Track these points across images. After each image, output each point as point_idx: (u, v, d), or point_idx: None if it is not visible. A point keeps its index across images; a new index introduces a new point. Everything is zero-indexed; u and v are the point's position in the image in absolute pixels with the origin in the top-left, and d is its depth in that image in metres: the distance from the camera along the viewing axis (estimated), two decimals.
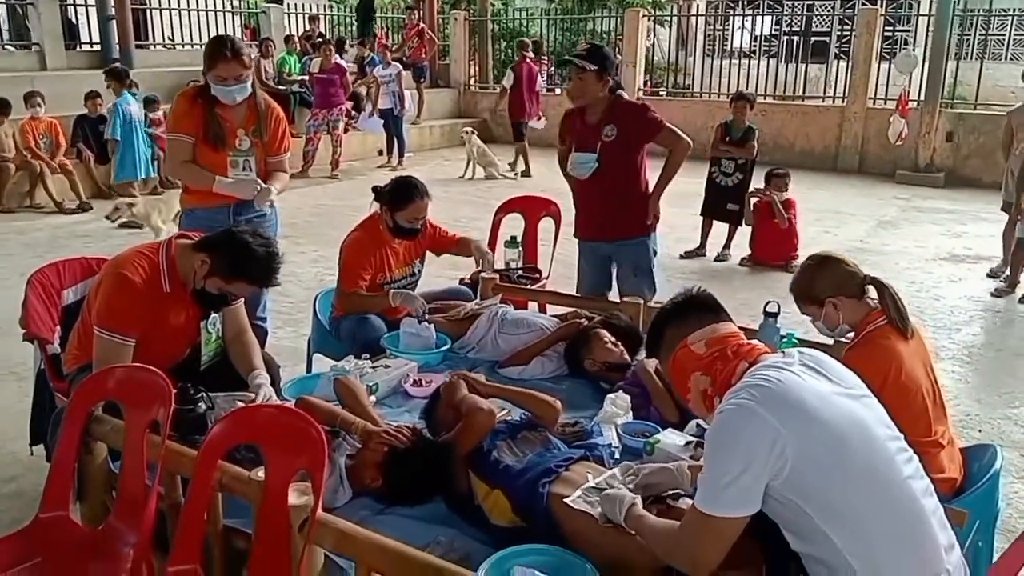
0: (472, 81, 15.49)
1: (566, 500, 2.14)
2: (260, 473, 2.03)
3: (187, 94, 3.68)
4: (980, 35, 13.87)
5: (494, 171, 11.00)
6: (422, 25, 14.02)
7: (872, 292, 2.52)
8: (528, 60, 11.49)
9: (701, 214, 7.35)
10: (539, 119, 11.40)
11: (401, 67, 11.77)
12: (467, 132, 11.09)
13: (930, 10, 11.46)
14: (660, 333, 2.02)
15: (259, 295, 3.70)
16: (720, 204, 7.17)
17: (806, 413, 1.65)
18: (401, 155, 11.64)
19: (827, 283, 2.54)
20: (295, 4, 16.76)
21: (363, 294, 3.69)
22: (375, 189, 3.84)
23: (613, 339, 3.25)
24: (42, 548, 2.17)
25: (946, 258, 7.29)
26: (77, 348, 2.83)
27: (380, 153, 12.14)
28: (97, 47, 11.85)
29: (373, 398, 2.90)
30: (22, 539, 2.20)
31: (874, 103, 11.85)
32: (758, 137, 7.14)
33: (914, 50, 12.55)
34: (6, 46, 12.56)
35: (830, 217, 8.78)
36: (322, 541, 1.90)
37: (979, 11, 13.39)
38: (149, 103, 9.70)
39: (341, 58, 11.94)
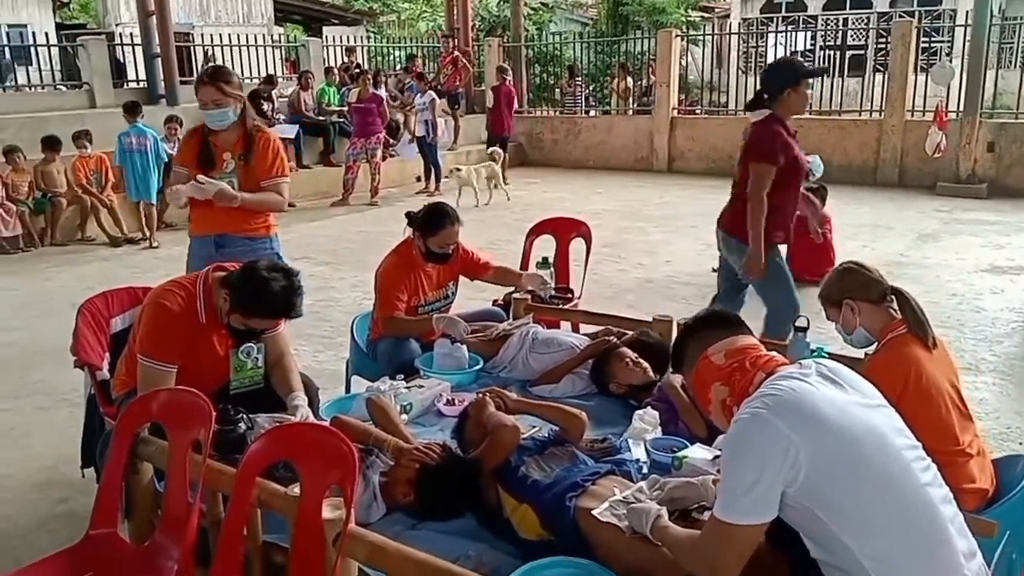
0: None
1: (594, 512, 2.18)
2: (296, 489, 2.11)
3: (193, 128, 3.93)
4: (1022, 43, 13.68)
5: (497, 180, 11.08)
6: (456, 53, 14.25)
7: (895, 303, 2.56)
8: (507, 83, 12.67)
9: None
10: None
11: (435, 95, 12.00)
12: (454, 171, 10.95)
13: (966, 20, 11.32)
14: (683, 347, 2.08)
15: None
16: None
17: (819, 421, 1.68)
18: (438, 181, 11.82)
19: (846, 286, 2.68)
20: (333, 37, 17.17)
21: (405, 318, 3.77)
22: (408, 215, 3.94)
23: (634, 357, 3.28)
24: (92, 564, 2.28)
25: (988, 270, 7.19)
26: (125, 374, 2.95)
27: (418, 179, 12.34)
28: (144, 84, 12.25)
29: (405, 417, 2.98)
30: (73, 555, 2.31)
31: (912, 115, 11.74)
32: None
33: (951, 61, 12.42)
34: (58, 86, 13.04)
35: (869, 231, 8.71)
36: (355, 554, 1.97)
37: (1020, 19, 13.23)
38: None
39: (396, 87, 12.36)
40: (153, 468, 2.51)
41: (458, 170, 10.72)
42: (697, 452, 2.62)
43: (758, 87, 4.09)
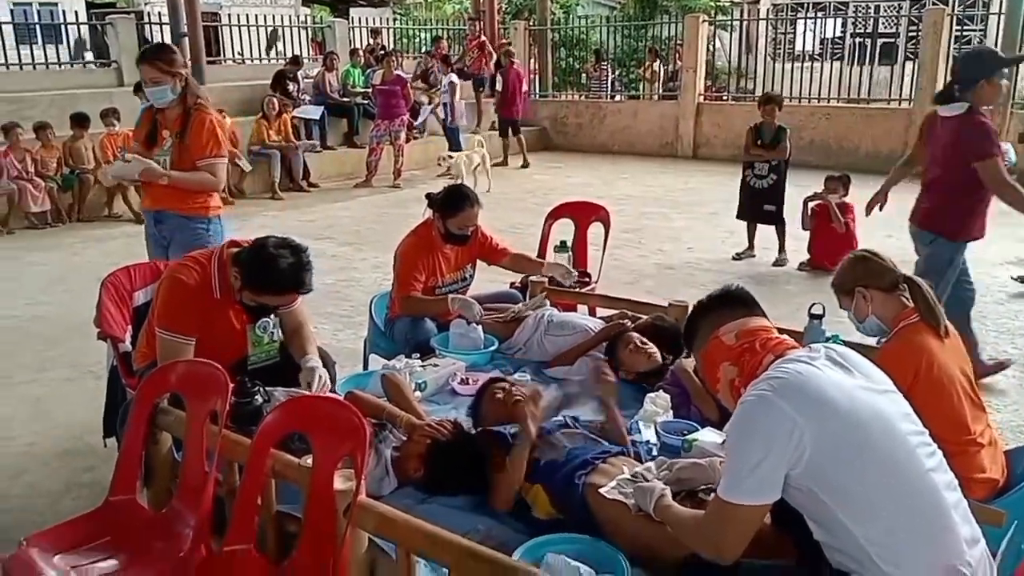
0: (532, 89, 15.58)
1: (601, 490, 2.21)
2: (309, 460, 2.16)
3: (148, 105, 3.94)
4: None
5: (484, 166, 10.88)
6: (483, 37, 14.22)
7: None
8: (514, 65, 12.72)
9: (738, 217, 7.43)
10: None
11: (454, 78, 12.01)
12: (445, 159, 10.68)
13: (1000, 8, 11.13)
14: (695, 324, 2.09)
15: None
16: (756, 206, 7.22)
17: (824, 404, 1.69)
18: None
19: (858, 274, 2.68)
20: (360, 18, 17.18)
21: (422, 297, 3.81)
22: (428, 196, 3.98)
23: (639, 341, 3.29)
24: (111, 528, 2.34)
25: (1013, 262, 7.09)
26: (146, 346, 3.00)
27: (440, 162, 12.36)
28: None
29: (419, 394, 3.02)
30: (93, 520, 2.38)
31: None
32: (789, 136, 7.15)
33: None
34: (87, 64, 13.19)
35: (894, 221, 8.57)
36: (364, 524, 2.02)
37: None
38: None
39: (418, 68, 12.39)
40: (171, 438, 2.57)
41: (449, 157, 10.58)
42: (707, 435, 2.64)
43: (948, 78, 3.99)
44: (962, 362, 2.51)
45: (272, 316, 2.99)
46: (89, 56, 14.42)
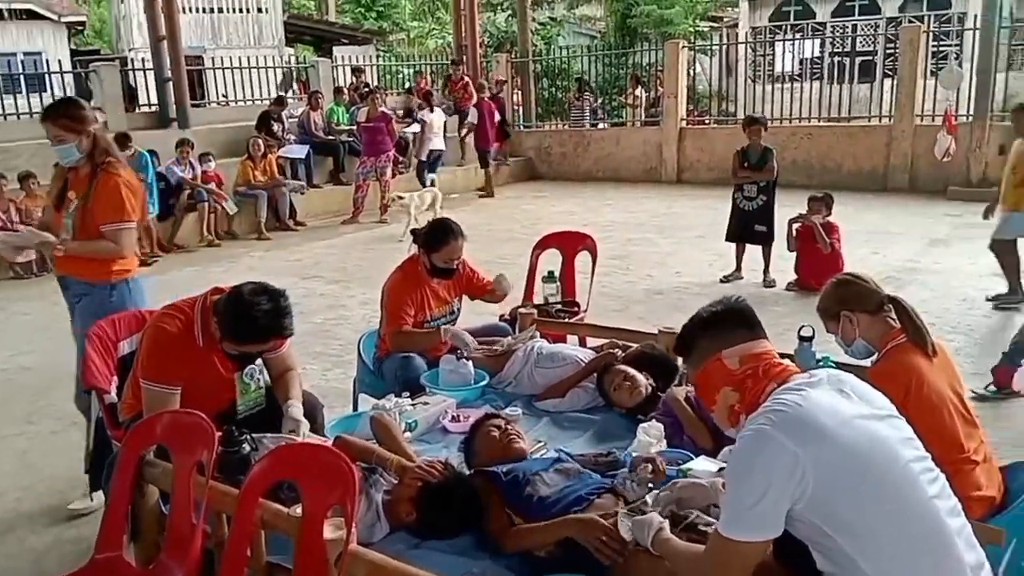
0: (516, 120, 15.69)
1: None
2: (298, 509, 2.12)
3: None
4: None
5: (438, 205, 10.57)
6: (465, 79, 14.37)
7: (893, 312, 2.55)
8: (485, 99, 13.03)
9: (727, 239, 7.47)
10: None
11: (427, 115, 12.18)
12: (397, 199, 10.34)
13: (975, 23, 11.29)
14: (695, 339, 2.00)
15: None
16: (747, 228, 7.27)
17: (824, 436, 1.67)
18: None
19: (842, 298, 2.66)
20: (343, 56, 17.29)
21: (413, 331, 3.79)
22: (413, 232, 3.98)
23: (625, 375, 3.26)
24: None
25: (1000, 274, 7.10)
26: (131, 397, 2.96)
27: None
28: (156, 108, 12.39)
29: (409, 434, 2.99)
30: None
31: (921, 120, 11.69)
32: (776, 157, 7.22)
33: (960, 65, 12.37)
34: None
35: (879, 238, 8.66)
36: (356, 573, 1.97)
37: None
38: (202, 158, 10.15)
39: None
40: (159, 491, 2.52)
41: (400, 198, 10.32)
42: (702, 464, 2.61)
43: None
44: (952, 379, 2.50)
45: (257, 362, 2.95)
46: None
